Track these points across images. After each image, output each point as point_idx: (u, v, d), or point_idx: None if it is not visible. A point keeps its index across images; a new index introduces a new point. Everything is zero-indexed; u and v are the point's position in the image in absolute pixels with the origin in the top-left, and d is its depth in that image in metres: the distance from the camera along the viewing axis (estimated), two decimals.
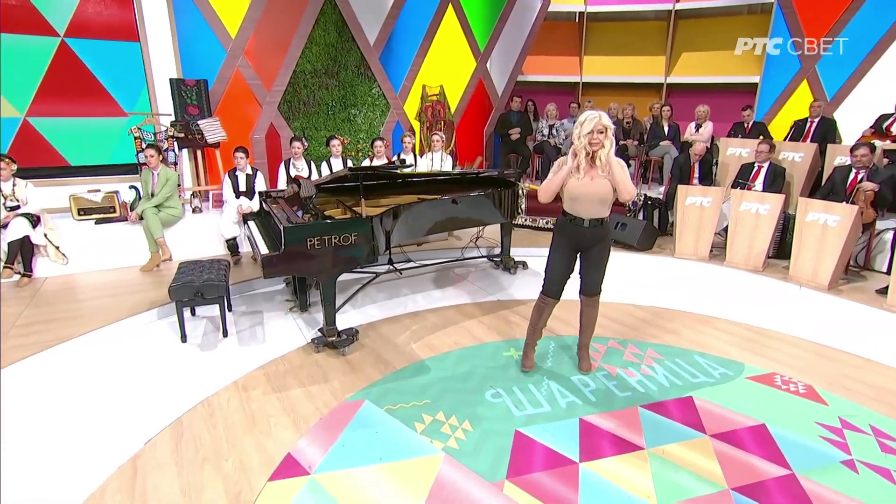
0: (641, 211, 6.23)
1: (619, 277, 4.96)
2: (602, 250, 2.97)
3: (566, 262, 3.03)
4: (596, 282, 3.06)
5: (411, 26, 7.01)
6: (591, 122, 2.69)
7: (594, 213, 2.85)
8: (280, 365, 3.34)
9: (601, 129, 2.70)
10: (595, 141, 2.70)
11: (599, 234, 2.91)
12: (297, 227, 3.29)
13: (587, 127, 2.71)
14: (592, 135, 2.70)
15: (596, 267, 3.01)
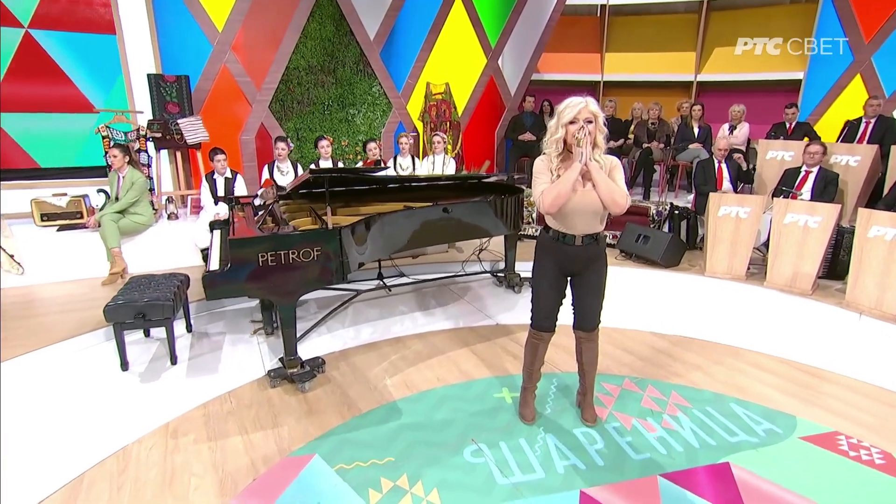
0: (667, 222, 5.55)
1: (639, 299, 4.31)
2: (598, 273, 2.36)
3: (556, 289, 2.42)
4: (594, 312, 2.43)
5: (415, 20, 6.50)
6: (575, 109, 2.10)
7: (588, 227, 2.25)
8: (226, 403, 2.80)
9: (590, 119, 2.10)
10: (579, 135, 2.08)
11: (594, 253, 2.31)
12: (246, 240, 2.76)
13: (568, 115, 2.11)
14: (578, 125, 2.09)
15: (593, 294, 2.39)
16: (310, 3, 5.80)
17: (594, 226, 2.25)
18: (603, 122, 2.15)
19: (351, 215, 3.68)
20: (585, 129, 2.07)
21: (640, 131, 6.55)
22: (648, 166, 6.23)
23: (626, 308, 4.12)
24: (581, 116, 2.10)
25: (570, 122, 2.13)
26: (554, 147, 2.18)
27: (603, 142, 2.16)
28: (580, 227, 2.24)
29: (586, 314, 2.41)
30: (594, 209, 2.18)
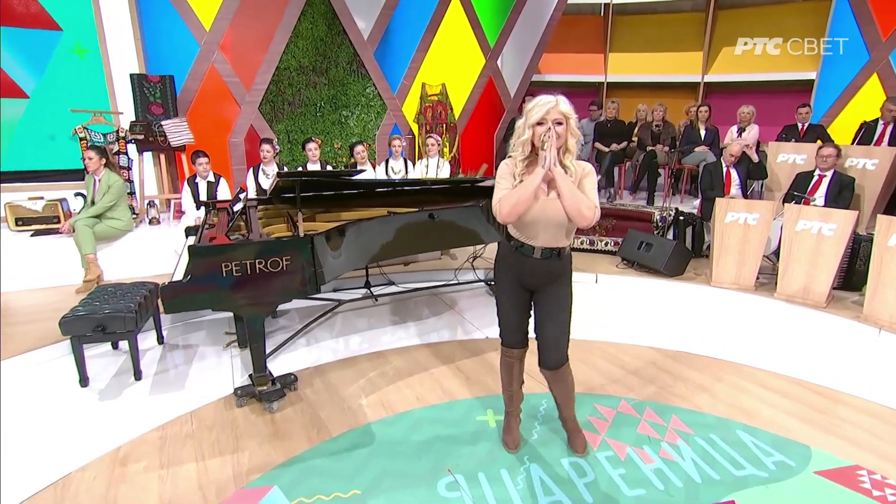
0: (672, 228, 5.28)
1: (639, 311, 4.05)
2: (558, 294, 2.10)
3: (516, 302, 2.18)
4: (555, 344, 2.14)
5: (411, 19, 6.31)
6: (542, 109, 1.86)
7: (550, 240, 2.01)
8: (186, 424, 2.59)
9: (559, 120, 1.87)
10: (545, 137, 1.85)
11: (554, 269, 2.07)
12: (209, 248, 2.54)
13: (535, 115, 1.87)
14: (545, 127, 1.85)
15: (551, 319, 2.12)
16: (301, 2, 5.63)
17: (558, 239, 2.00)
18: (576, 125, 1.92)
19: (332, 221, 3.47)
20: (552, 132, 1.84)
21: (644, 134, 6.30)
22: (653, 170, 5.98)
23: (624, 321, 3.87)
24: (549, 117, 1.86)
25: (537, 122, 1.88)
26: (520, 150, 1.95)
27: (576, 146, 1.93)
28: (542, 238, 2.00)
29: (546, 346, 2.14)
30: (558, 220, 1.93)
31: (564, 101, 1.88)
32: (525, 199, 1.89)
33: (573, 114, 1.91)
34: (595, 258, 5.26)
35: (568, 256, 2.09)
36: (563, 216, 1.91)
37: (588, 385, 2.94)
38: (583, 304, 4.19)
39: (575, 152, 1.95)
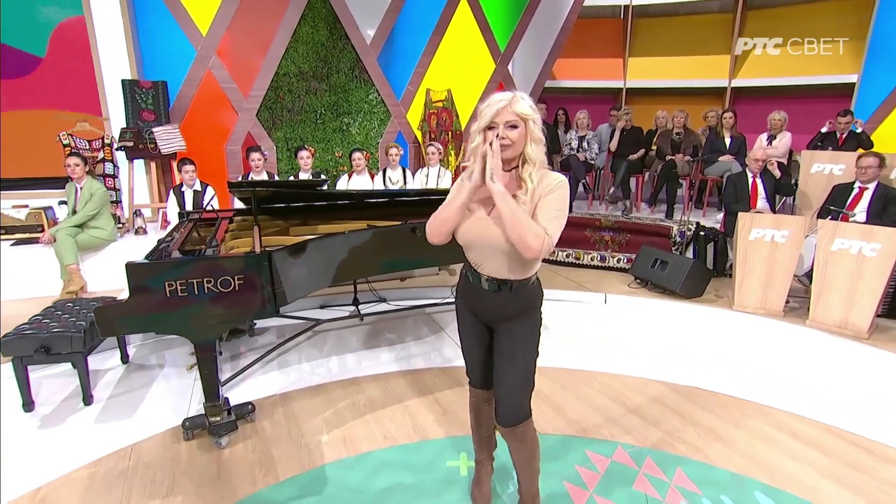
0: (691, 245, 4.84)
1: (648, 337, 3.64)
2: (515, 332, 1.70)
3: (477, 337, 1.82)
4: (510, 395, 1.73)
5: (416, 22, 6.07)
6: (492, 110, 1.52)
7: (497, 269, 1.64)
8: (123, 460, 2.33)
9: (513, 122, 1.53)
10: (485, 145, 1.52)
11: (508, 304, 1.67)
12: (149, 265, 2.29)
13: (485, 117, 1.54)
14: (496, 131, 1.52)
15: (506, 363, 1.72)
16: (301, 5, 5.45)
17: (506, 269, 1.62)
18: (540, 129, 1.57)
19: (307, 234, 3.21)
20: (491, 138, 1.50)
21: (663, 142, 5.87)
22: (672, 181, 5.54)
23: (632, 348, 3.46)
24: (501, 119, 1.52)
25: (488, 126, 1.54)
26: (471, 159, 1.61)
27: (537, 154, 1.56)
28: (488, 267, 1.64)
29: (499, 397, 1.75)
30: (499, 247, 1.57)
31: (522, 98, 1.53)
32: (448, 216, 1.59)
33: (533, 113, 1.55)
34: (606, 276, 4.86)
35: (527, 290, 1.66)
36: (504, 241, 1.56)
37: (581, 425, 2.57)
38: (587, 328, 3.81)
39: (536, 162, 1.57)
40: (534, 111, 1.56)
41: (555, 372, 3.13)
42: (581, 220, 5.30)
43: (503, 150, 1.54)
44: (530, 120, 1.55)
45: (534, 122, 1.55)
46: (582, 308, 4.23)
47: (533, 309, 1.71)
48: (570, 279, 4.75)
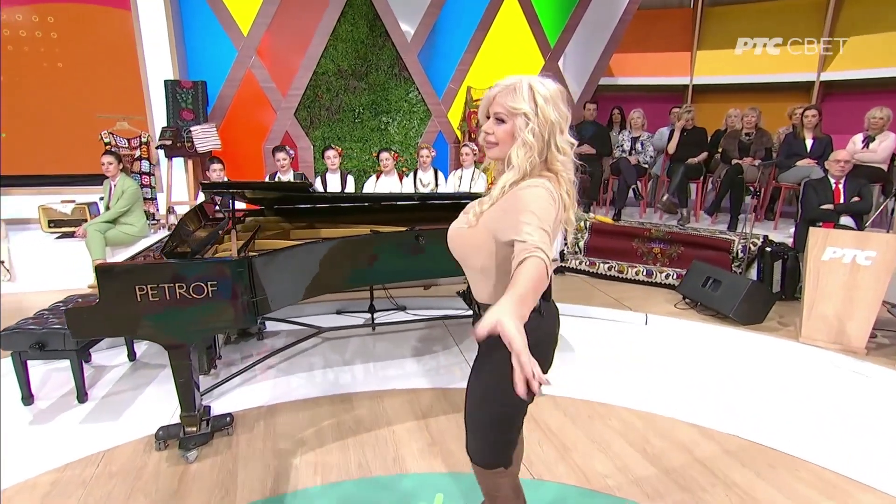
0: (756, 262, 4.23)
1: (688, 370, 3.13)
2: (478, 369, 1.40)
3: None
4: (468, 441, 1.46)
5: (460, 17, 5.80)
6: (485, 98, 1.28)
7: (475, 288, 1.38)
8: (90, 467, 2.25)
9: (501, 116, 1.25)
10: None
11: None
12: (119, 268, 2.20)
13: (481, 107, 1.30)
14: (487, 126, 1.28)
15: (468, 401, 1.43)
16: (340, 3, 5.35)
17: (479, 289, 1.35)
18: (535, 125, 1.22)
19: (307, 238, 3.05)
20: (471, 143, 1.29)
21: (729, 144, 5.21)
22: (737, 188, 4.88)
23: (665, 380, 3.00)
24: (491, 110, 1.26)
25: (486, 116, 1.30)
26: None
27: (521, 161, 1.23)
28: (475, 289, 1.38)
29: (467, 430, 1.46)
30: (468, 260, 1.32)
31: (519, 86, 1.22)
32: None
33: (527, 107, 1.22)
34: (651, 293, 4.34)
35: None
36: (475, 252, 1.28)
37: (586, 474, 2.19)
38: (618, 353, 3.38)
39: (521, 170, 1.24)
40: (530, 103, 1.22)
41: (569, 403, 2.76)
42: (629, 230, 4.81)
43: (488, 148, 1.28)
44: (519, 115, 1.22)
45: (526, 117, 1.22)
46: (617, 329, 3.78)
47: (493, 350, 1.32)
48: (608, 294, 4.28)
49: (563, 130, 1.28)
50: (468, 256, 1.32)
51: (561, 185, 1.29)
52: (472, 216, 1.29)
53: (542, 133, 1.24)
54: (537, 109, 1.22)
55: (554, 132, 1.25)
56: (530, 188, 1.22)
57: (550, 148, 1.26)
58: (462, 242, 1.33)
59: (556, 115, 1.24)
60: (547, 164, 1.28)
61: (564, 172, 1.29)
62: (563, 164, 1.29)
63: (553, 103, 1.24)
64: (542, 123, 1.23)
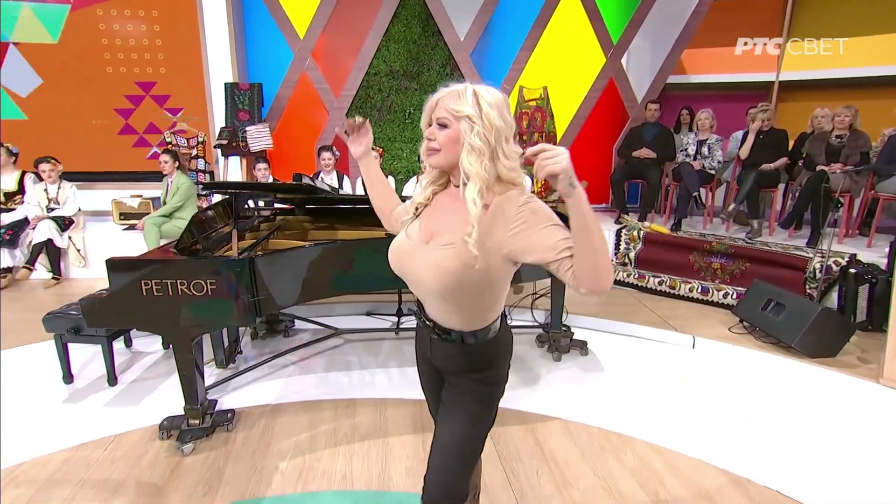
0: (837, 287, 3.67)
1: (733, 402, 2.74)
2: (454, 397, 1.30)
3: (430, 384, 1.47)
4: (439, 465, 1.29)
5: (516, 14, 5.61)
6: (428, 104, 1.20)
7: (437, 314, 1.26)
8: (98, 450, 2.37)
9: (443, 121, 1.16)
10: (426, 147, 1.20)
11: (454, 358, 1.28)
12: (126, 262, 2.30)
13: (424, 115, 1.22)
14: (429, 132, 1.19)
15: (443, 421, 1.32)
16: (393, 4, 5.37)
17: (444, 316, 1.24)
18: (481, 129, 1.12)
19: (324, 239, 3.04)
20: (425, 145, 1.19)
21: (815, 147, 4.57)
22: (820, 197, 4.27)
23: (696, 416, 2.65)
24: (434, 116, 1.18)
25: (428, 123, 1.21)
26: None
27: (474, 168, 1.12)
28: (428, 306, 1.29)
29: (429, 465, 1.31)
30: (436, 292, 1.18)
31: (463, 91, 1.14)
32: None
33: (471, 110, 1.12)
34: (704, 312, 3.91)
35: (481, 344, 1.24)
36: (437, 277, 1.15)
37: None
38: (654, 378, 3.06)
39: (479, 178, 1.12)
40: (474, 107, 1.12)
41: (582, 430, 2.52)
42: (686, 241, 4.38)
43: (429, 155, 1.19)
44: (463, 119, 1.13)
45: (471, 120, 1.12)
46: (659, 350, 3.44)
47: (490, 367, 1.28)
48: (655, 312, 3.91)
49: (509, 139, 1.18)
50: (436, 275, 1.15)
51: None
52: (471, 248, 1.10)
53: (487, 138, 1.13)
54: (482, 113, 1.13)
55: (499, 138, 1.15)
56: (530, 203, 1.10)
57: (497, 155, 1.15)
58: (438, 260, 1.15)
59: (500, 121, 1.15)
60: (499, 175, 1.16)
61: (519, 179, 1.18)
62: (512, 169, 1.17)
63: (497, 110, 1.15)
64: (488, 128, 1.13)
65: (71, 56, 5.14)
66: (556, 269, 1.03)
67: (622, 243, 4.71)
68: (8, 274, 4.38)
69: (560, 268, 1.02)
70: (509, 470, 2.24)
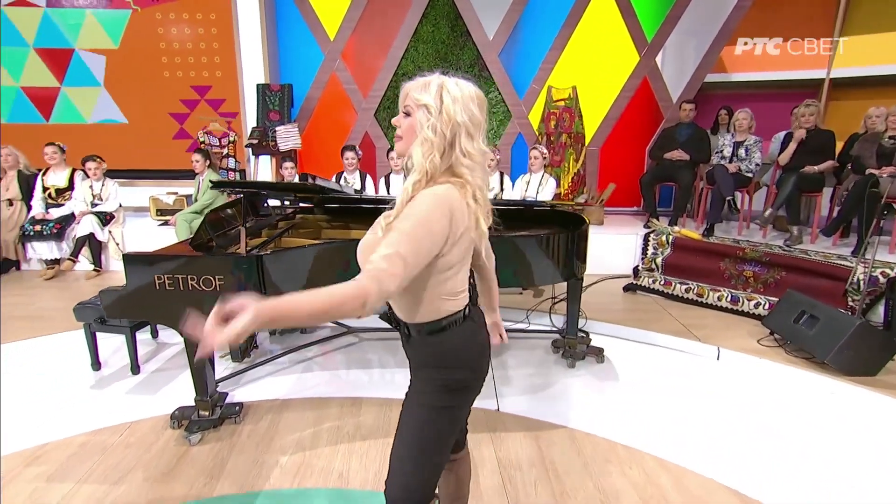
0: (884, 300, 3.42)
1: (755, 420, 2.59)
2: (409, 398, 1.31)
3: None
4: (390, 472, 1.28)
5: (545, 13, 5.51)
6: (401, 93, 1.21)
7: (393, 304, 1.28)
8: (114, 436, 2.48)
9: (407, 109, 1.18)
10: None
11: (409, 353, 1.31)
12: (141, 257, 2.39)
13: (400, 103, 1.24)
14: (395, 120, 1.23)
15: (398, 425, 1.30)
16: (422, 5, 5.38)
17: (396, 305, 1.26)
18: (437, 122, 1.12)
19: (338, 237, 3.08)
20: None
21: (865, 149, 4.27)
22: (869, 203, 3.97)
23: (711, 431, 2.52)
24: (402, 105, 1.19)
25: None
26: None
27: (421, 159, 1.13)
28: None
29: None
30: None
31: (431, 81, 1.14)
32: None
33: (430, 100, 1.12)
34: (733, 323, 3.72)
35: (429, 341, 1.23)
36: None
37: None
38: (671, 390, 2.93)
39: (421, 170, 1.13)
40: (435, 98, 1.12)
41: (588, 441, 2.45)
42: (718, 248, 4.18)
43: (396, 141, 1.22)
44: (418, 111, 1.14)
45: (427, 111, 1.12)
46: (680, 361, 3.29)
47: (441, 369, 1.25)
48: (679, 320, 3.75)
49: (474, 136, 1.16)
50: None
51: (467, 190, 1.16)
52: (380, 232, 1.14)
53: (443, 131, 1.12)
54: (442, 107, 1.12)
55: (459, 133, 1.14)
56: (424, 197, 1.11)
57: (454, 150, 1.15)
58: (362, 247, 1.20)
59: (464, 116, 1.13)
60: (452, 169, 1.16)
61: (471, 177, 1.16)
62: (470, 168, 1.16)
63: (463, 104, 1.14)
64: (445, 122, 1.12)
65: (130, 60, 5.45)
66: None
67: (650, 248, 4.55)
68: (55, 265, 4.67)
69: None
70: (507, 477, 2.20)
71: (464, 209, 1.14)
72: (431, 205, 1.09)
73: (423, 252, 1.06)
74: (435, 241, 1.08)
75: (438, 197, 1.10)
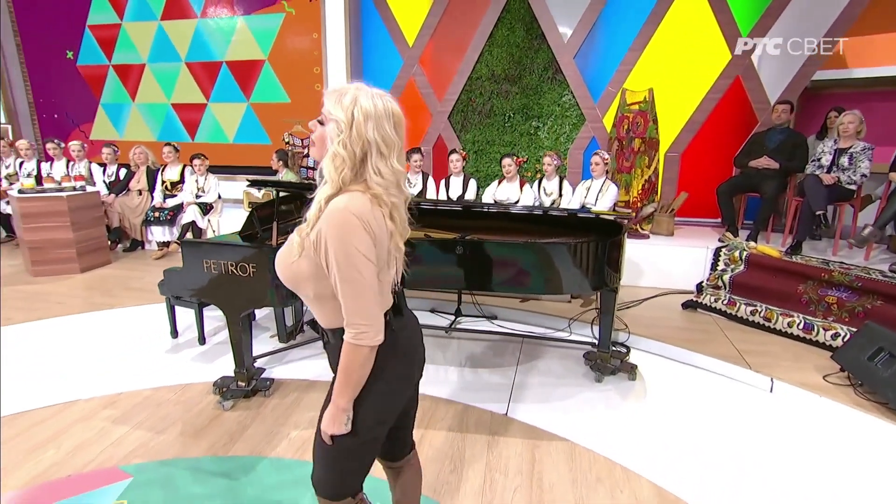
0: None
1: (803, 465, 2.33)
2: (327, 398, 1.31)
3: None
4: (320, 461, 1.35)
5: (626, 12, 5.25)
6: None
7: (315, 314, 1.33)
8: (170, 393, 2.92)
9: (321, 117, 1.23)
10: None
11: (331, 358, 1.37)
12: (194, 244, 2.78)
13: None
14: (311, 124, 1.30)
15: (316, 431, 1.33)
16: (498, 8, 5.43)
17: (318, 314, 1.31)
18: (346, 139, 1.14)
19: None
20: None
21: None
22: None
23: (735, 467, 2.30)
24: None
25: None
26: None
27: (331, 172, 1.16)
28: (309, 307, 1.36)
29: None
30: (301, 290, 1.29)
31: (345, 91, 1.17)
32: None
33: (341, 115, 1.14)
34: (801, 353, 3.30)
35: (339, 348, 1.22)
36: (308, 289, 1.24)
37: None
38: (705, 416, 2.72)
39: (331, 181, 1.16)
40: (346, 113, 1.13)
41: (586, 456, 2.38)
42: (799, 268, 3.73)
43: (311, 146, 1.27)
44: (330, 122, 1.17)
45: (338, 126, 1.14)
46: (723, 388, 3.01)
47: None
48: (735, 344, 3.41)
49: (386, 155, 1.18)
50: (300, 286, 1.26)
51: (383, 208, 1.19)
52: (296, 245, 1.20)
53: (353, 149, 1.15)
54: (353, 122, 1.14)
55: (370, 152, 1.16)
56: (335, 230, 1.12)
57: (366, 168, 1.17)
58: (290, 273, 1.24)
59: (375, 135, 1.15)
60: (366, 182, 1.18)
61: (386, 196, 1.18)
62: (384, 186, 1.18)
63: (375, 122, 1.14)
64: (355, 139, 1.14)
65: (279, 70, 6.20)
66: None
67: (720, 263, 4.17)
68: (165, 248, 5.49)
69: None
70: (490, 479, 2.22)
71: (378, 216, 1.17)
72: (346, 234, 1.12)
73: (368, 275, 1.15)
74: (369, 256, 1.14)
75: (347, 222, 1.12)
